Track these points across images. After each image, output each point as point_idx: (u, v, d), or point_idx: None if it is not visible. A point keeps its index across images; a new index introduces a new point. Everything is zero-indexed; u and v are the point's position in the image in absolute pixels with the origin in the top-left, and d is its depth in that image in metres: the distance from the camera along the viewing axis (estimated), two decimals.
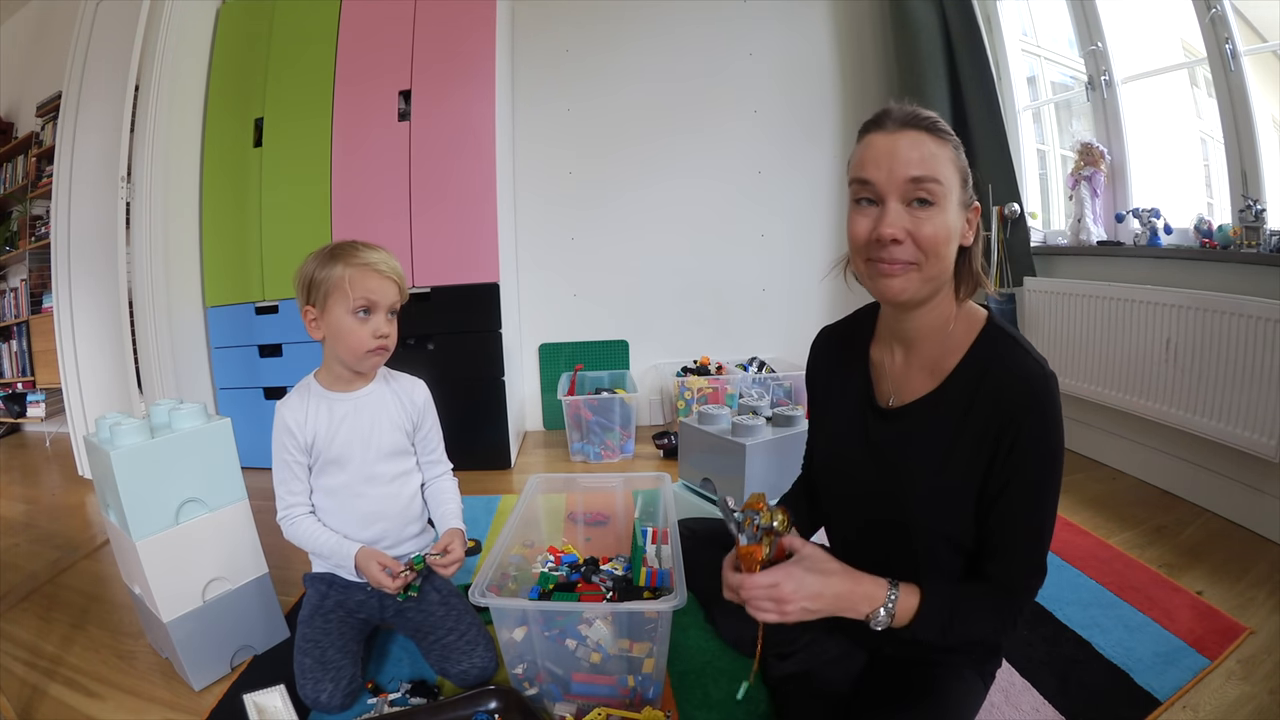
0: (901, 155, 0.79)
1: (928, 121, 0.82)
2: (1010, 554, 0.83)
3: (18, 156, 3.53)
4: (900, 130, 0.81)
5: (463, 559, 1.20)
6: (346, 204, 2.36)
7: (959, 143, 0.83)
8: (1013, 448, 0.79)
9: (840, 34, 2.71)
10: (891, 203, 0.80)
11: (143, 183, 2.33)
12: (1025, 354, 0.81)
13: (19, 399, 3.50)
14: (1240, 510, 1.64)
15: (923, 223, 0.79)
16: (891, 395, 0.93)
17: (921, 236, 0.79)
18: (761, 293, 2.84)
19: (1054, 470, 0.81)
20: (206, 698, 1.16)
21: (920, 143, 0.80)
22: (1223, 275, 1.68)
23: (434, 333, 2.34)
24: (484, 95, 2.31)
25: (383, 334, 1.14)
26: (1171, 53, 1.94)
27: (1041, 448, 0.79)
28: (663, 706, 1.06)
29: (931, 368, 0.88)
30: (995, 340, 0.85)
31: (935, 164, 0.79)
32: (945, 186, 0.79)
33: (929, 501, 0.85)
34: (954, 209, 0.81)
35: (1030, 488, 0.80)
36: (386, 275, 1.14)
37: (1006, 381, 0.80)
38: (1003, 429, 0.79)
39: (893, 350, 0.94)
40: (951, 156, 0.81)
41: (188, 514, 1.16)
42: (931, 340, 0.88)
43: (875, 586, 0.83)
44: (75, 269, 2.40)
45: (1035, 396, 0.78)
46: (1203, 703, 1.03)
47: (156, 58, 2.34)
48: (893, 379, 0.93)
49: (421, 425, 1.28)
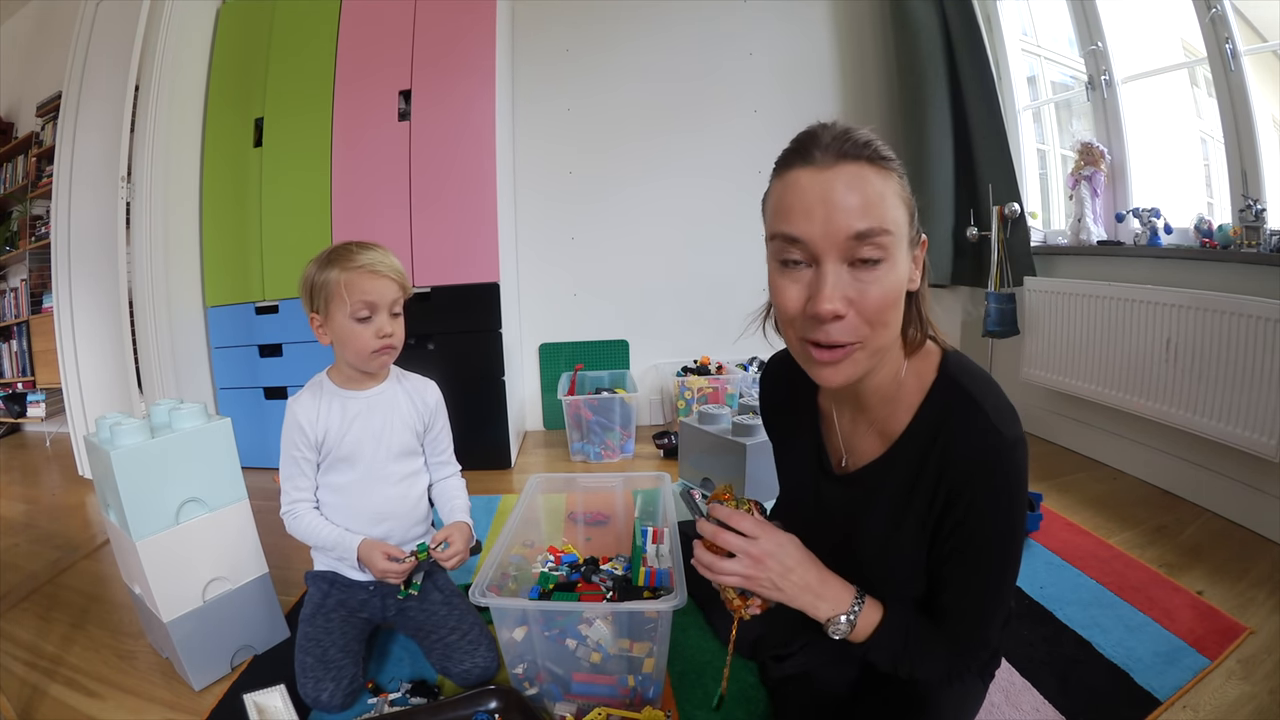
0: (839, 202, 0.63)
1: (867, 149, 0.65)
2: (955, 623, 0.77)
3: (18, 156, 3.53)
4: (835, 165, 0.64)
5: (465, 553, 1.19)
6: (347, 203, 2.36)
7: (901, 167, 0.69)
8: (964, 520, 0.70)
9: (840, 34, 2.71)
10: (829, 265, 0.64)
11: (143, 182, 2.33)
12: (981, 415, 0.69)
13: (19, 399, 3.50)
14: (1240, 510, 1.64)
15: (868, 287, 0.64)
16: (844, 456, 0.84)
17: (868, 305, 0.65)
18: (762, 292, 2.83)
19: (1007, 544, 0.72)
20: (206, 698, 1.16)
21: (861, 181, 0.64)
22: (1223, 275, 1.68)
23: (434, 333, 2.34)
24: (484, 94, 2.31)
25: (386, 334, 1.13)
26: (1171, 53, 1.94)
27: (996, 514, 0.70)
28: (663, 706, 1.06)
29: (880, 429, 0.79)
30: (949, 397, 0.73)
31: (883, 207, 0.64)
32: (896, 234, 0.65)
33: (882, 567, 0.80)
34: (904, 257, 0.68)
35: (978, 563, 0.73)
36: (383, 275, 1.12)
37: (957, 449, 0.70)
38: (951, 499, 0.71)
39: (841, 407, 0.84)
40: (898, 189, 0.67)
41: (188, 514, 1.16)
42: (879, 400, 0.78)
43: (843, 590, 0.78)
44: (75, 269, 2.40)
45: (988, 466, 0.68)
46: (1203, 703, 1.03)
47: (156, 58, 2.34)
48: (843, 437, 0.84)
49: (432, 426, 1.28)
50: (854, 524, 0.82)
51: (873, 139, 0.67)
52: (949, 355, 0.76)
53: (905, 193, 0.68)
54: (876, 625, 0.77)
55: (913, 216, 0.70)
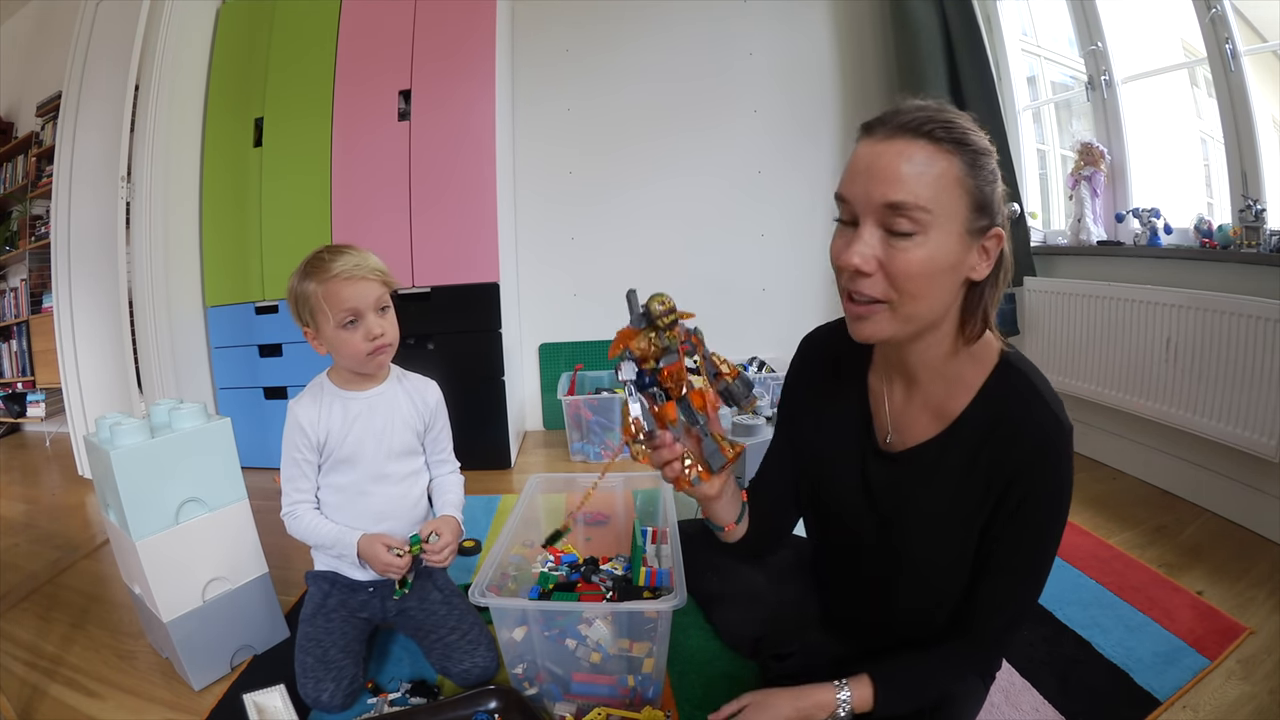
0: (880, 172, 0.66)
1: (933, 125, 0.66)
2: (990, 608, 0.78)
3: (18, 156, 3.53)
4: (890, 138, 0.67)
5: (455, 546, 1.17)
6: (346, 204, 2.36)
7: (980, 153, 0.68)
8: (1020, 505, 0.72)
9: (840, 34, 2.71)
10: (865, 227, 0.68)
11: (143, 182, 2.33)
12: (1044, 404, 0.71)
13: (19, 399, 3.50)
14: (1240, 510, 1.64)
15: (897, 254, 0.67)
16: (890, 434, 0.84)
17: (894, 270, 0.67)
18: (762, 292, 2.84)
19: (1057, 531, 0.74)
20: (206, 698, 1.16)
21: (909, 155, 0.66)
22: (1223, 275, 1.68)
23: (434, 333, 2.34)
24: (484, 95, 2.31)
25: (375, 334, 1.12)
26: (1171, 53, 1.94)
27: (1050, 507, 0.72)
28: (663, 706, 1.06)
29: (936, 409, 0.79)
30: (1011, 384, 0.74)
31: (921, 184, 0.65)
32: (935, 214, 0.65)
33: (927, 549, 0.80)
34: (951, 238, 0.67)
35: (1029, 547, 0.75)
36: (359, 278, 1.10)
37: (1022, 435, 0.71)
38: (1011, 484, 0.72)
39: (892, 383, 0.84)
40: (958, 173, 0.66)
41: (188, 514, 1.16)
42: (935, 378, 0.79)
43: (823, 693, 0.82)
44: (75, 269, 2.40)
45: (1051, 454, 0.70)
46: (1203, 703, 1.03)
47: (156, 58, 2.34)
48: (892, 416, 0.84)
49: (433, 426, 1.27)
50: (903, 503, 0.82)
51: (951, 118, 0.67)
52: (1010, 346, 0.78)
53: (971, 178, 0.67)
54: (872, 696, 0.81)
55: (980, 205, 0.68)
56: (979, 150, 0.68)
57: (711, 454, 0.83)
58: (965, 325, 0.75)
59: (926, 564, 0.81)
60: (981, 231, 0.70)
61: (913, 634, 0.86)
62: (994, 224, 0.70)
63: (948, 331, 0.75)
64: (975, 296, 0.73)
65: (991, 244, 0.71)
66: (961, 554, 0.78)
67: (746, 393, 0.84)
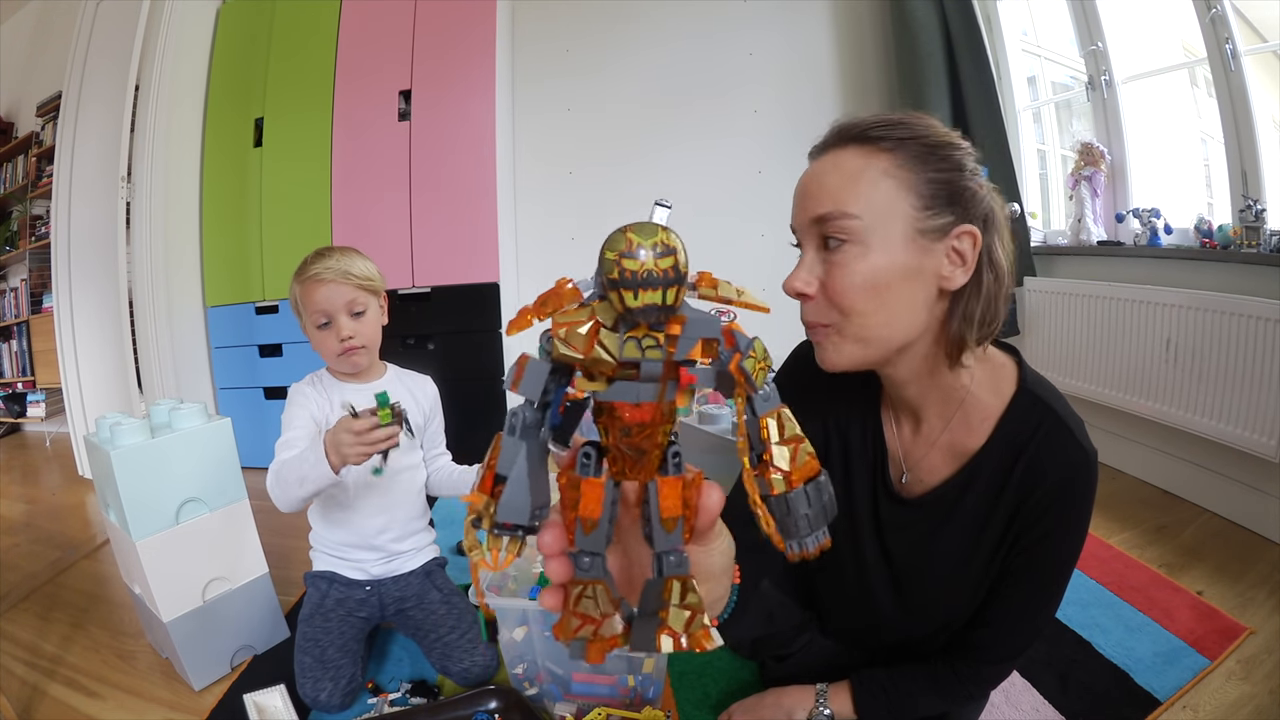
0: (812, 190, 0.64)
1: (868, 127, 0.62)
2: (1001, 632, 0.75)
3: (18, 156, 3.53)
4: (824, 154, 0.65)
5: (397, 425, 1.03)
6: (346, 204, 2.36)
7: (936, 145, 0.61)
8: (1042, 539, 0.68)
9: (840, 34, 2.71)
10: (807, 250, 0.65)
11: (143, 183, 2.33)
12: (1069, 435, 0.66)
13: (19, 399, 3.50)
14: (1240, 510, 1.64)
15: (831, 269, 0.62)
16: (905, 473, 0.77)
17: (831, 288, 0.62)
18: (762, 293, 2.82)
19: (1075, 557, 0.71)
20: (206, 698, 1.16)
21: (838, 163, 0.62)
22: (1223, 275, 1.67)
23: (434, 333, 2.34)
24: (484, 95, 2.31)
25: (345, 336, 1.14)
26: (1171, 53, 1.94)
27: (1073, 540, 0.69)
28: (663, 706, 1.06)
29: (950, 444, 0.72)
30: (1033, 415, 0.68)
31: (845, 190, 0.60)
32: (865, 219, 0.60)
33: (942, 593, 0.77)
34: (894, 243, 0.60)
35: (1047, 577, 0.72)
36: (328, 281, 1.13)
37: (1048, 473, 0.66)
38: (1034, 518, 0.68)
39: (899, 418, 0.77)
40: (892, 167, 0.60)
41: (188, 514, 1.16)
42: (942, 410, 0.72)
43: (801, 694, 0.85)
44: (75, 269, 2.40)
45: (1079, 487, 0.67)
46: (1203, 703, 1.03)
47: (156, 58, 2.34)
48: (905, 454, 0.76)
49: (431, 420, 1.30)
50: (918, 549, 0.76)
51: (883, 120, 0.62)
52: (1027, 367, 0.71)
53: (913, 171, 0.60)
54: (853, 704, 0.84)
55: (935, 199, 0.61)
56: (933, 142, 0.61)
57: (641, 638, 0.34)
58: (945, 343, 0.66)
59: (935, 605, 0.78)
60: (941, 231, 0.61)
61: (914, 649, 0.85)
62: (961, 221, 0.61)
63: (925, 352, 0.67)
64: (958, 309, 0.64)
65: (964, 244, 0.62)
66: (975, 595, 0.75)
67: (820, 521, 0.36)
